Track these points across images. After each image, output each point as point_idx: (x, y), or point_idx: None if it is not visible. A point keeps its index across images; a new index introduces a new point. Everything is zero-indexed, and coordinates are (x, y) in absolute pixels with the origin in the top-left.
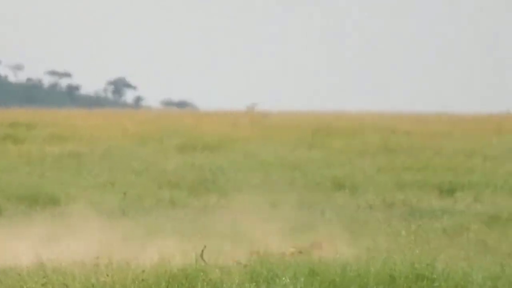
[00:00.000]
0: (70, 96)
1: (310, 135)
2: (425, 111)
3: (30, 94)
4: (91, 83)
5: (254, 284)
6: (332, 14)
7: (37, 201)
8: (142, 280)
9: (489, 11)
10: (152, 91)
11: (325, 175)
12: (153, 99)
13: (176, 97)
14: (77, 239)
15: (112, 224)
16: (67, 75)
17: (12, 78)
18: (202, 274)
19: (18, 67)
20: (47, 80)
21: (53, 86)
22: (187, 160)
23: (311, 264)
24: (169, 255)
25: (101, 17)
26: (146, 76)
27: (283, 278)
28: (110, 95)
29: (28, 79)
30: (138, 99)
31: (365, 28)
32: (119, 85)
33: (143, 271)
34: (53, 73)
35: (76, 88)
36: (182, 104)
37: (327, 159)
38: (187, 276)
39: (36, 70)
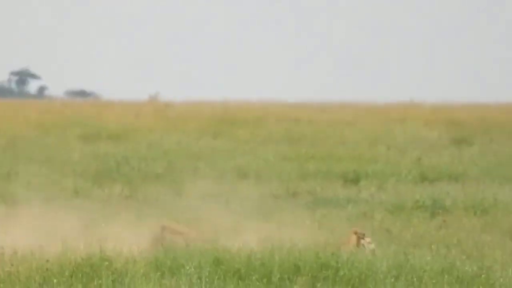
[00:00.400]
0: None
1: (214, 124)
2: (329, 100)
3: None
4: None
5: (159, 273)
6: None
7: None
8: (47, 269)
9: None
10: (56, 81)
11: (229, 164)
12: (57, 89)
13: (79, 86)
14: None
15: (16, 214)
16: None
17: None
18: (106, 263)
19: None
20: None
21: None
22: (90, 150)
23: (215, 253)
24: (73, 244)
25: (2, 8)
26: (50, 66)
27: (188, 268)
28: (14, 85)
29: None
30: (42, 89)
31: (272, 18)
32: (23, 76)
33: (47, 260)
34: None
35: None
36: (85, 94)
37: (231, 148)
38: (91, 266)
39: None
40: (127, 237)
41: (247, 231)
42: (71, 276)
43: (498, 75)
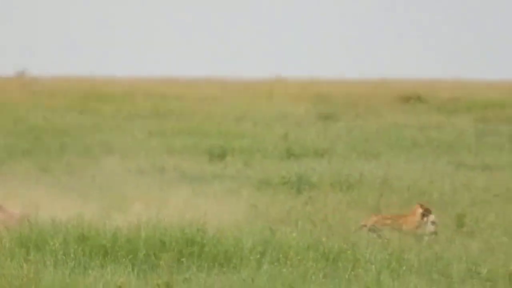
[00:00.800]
0: None
1: (81, 100)
2: (195, 76)
3: None
4: None
5: (24, 249)
6: None
7: None
8: None
9: None
10: None
11: (95, 140)
12: None
13: None
14: None
15: None
16: None
17: None
18: None
19: None
20: None
21: None
22: None
23: (81, 229)
24: None
25: None
26: None
27: (53, 244)
28: None
29: None
30: None
31: None
32: None
33: None
34: None
35: None
36: None
37: (97, 124)
38: None
39: None
40: None
41: (113, 207)
42: None
43: (364, 50)
